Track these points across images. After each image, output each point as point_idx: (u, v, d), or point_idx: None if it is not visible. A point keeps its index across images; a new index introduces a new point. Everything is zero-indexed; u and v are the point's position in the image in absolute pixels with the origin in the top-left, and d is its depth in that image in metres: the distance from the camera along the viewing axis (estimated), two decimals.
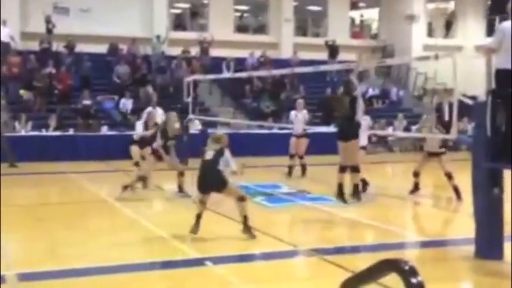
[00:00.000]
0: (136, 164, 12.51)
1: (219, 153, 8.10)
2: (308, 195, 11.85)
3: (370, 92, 24.87)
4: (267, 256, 7.54)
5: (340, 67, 16.82)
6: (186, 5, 27.32)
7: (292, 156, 14.42)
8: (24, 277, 6.40)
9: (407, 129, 20.13)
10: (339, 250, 7.90)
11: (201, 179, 8.13)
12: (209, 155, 8.11)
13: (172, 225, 8.94)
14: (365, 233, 8.99)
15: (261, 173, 13.99)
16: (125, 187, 11.02)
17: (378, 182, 13.43)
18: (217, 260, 7.10)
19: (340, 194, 9.17)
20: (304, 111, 14.61)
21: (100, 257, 7.32)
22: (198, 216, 8.14)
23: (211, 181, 8.08)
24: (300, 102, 14.92)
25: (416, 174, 11.78)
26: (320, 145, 17.35)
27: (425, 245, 8.33)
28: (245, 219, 8.05)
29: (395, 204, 11.49)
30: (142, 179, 11.30)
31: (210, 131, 19.62)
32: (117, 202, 10.72)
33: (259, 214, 10.11)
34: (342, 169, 9.17)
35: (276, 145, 17.56)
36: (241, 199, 8.12)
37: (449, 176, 11.40)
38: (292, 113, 14.77)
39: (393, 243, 8.18)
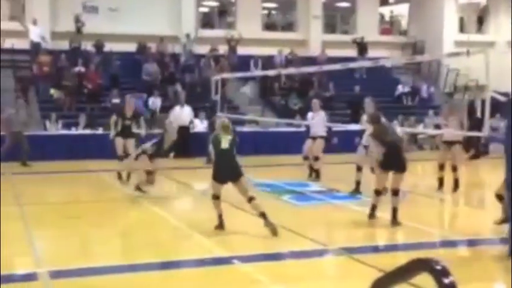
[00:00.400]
0: (121, 158, 12.53)
1: (234, 143, 8.25)
2: (337, 193, 11.75)
3: (400, 89, 24.62)
4: (296, 255, 7.46)
5: (369, 64, 16.65)
6: (214, 3, 27.36)
7: (306, 159, 13.78)
8: (56, 274, 6.45)
9: (438, 126, 19.84)
10: (369, 249, 7.80)
11: (219, 168, 8.26)
12: (225, 143, 8.20)
13: (200, 223, 8.93)
14: (395, 232, 8.85)
15: (289, 171, 13.91)
16: (137, 187, 10.97)
17: (408, 180, 13.25)
18: (245, 259, 7.07)
19: (373, 214, 8.94)
20: (322, 113, 13.63)
21: (129, 255, 7.35)
22: (220, 215, 8.31)
23: (229, 170, 8.21)
24: (315, 102, 13.88)
25: (441, 167, 11.90)
26: (349, 143, 17.22)
27: (457, 244, 8.19)
28: (264, 216, 8.09)
29: (425, 203, 11.33)
30: (150, 173, 11.10)
31: (238, 129, 19.69)
32: (146, 200, 10.74)
33: (287, 212, 10.07)
34: (379, 193, 8.91)
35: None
36: (251, 199, 8.23)
37: (454, 168, 11.51)
38: (309, 114, 13.89)
39: (424, 242, 8.04)
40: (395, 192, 8.75)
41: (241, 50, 23.79)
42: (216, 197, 8.35)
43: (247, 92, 21.31)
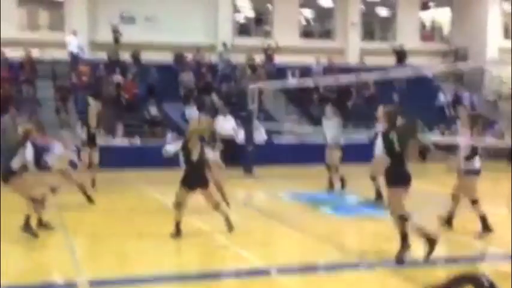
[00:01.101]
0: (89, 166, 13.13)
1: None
2: (377, 205, 11.41)
3: (441, 97, 24.07)
4: (334, 267, 7.25)
5: (410, 73, 16.36)
6: (251, 12, 27.30)
7: (328, 168, 13.40)
8: (96, 284, 6.47)
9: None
10: (410, 263, 7.47)
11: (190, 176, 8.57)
12: (195, 155, 8.52)
13: (238, 234, 8.77)
14: (437, 245, 8.51)
15: (326, 182, 13.59)
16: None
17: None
18: (283, 270, 6.96)
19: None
20: (335, 119, 13.30)
21: (167, 265, 7.34)
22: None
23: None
24: (328, 108, 13.62)
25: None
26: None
27: (502, 258, 7.78)
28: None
29: (468, 215, 10.93)
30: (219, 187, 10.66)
31: (274, 138, 19.52)
32: (184, 210, 10.58)
33: (325, 224, 9.86)
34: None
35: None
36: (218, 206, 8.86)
37: None
38: (324, 121, 13.57)
39: (467, 255, 7.72)
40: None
41: (279, 59, 23.63)
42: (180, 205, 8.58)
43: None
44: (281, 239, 8.65)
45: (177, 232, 8.43)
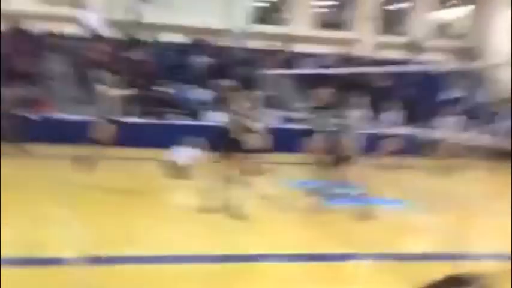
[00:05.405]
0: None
1: None
2: (372, 197, 11.62)
3: (448, 94, 24.12)
4: (327, 257, 7.48)
5: (423, 67, 16.56)
6: None
7: None
8: (95, 261, 6.58)
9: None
10: (402, 257, 7.74)
11: None
12: None
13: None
14: (432, 240, 8.79)
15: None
16: None
17: (453, 188, 13.12)
18: (274, 258, 7.13)
19: None
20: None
21: (161, 246, 7.45)
22: None
23: None
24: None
25: None
26: None
27: (495, 257, 8.03)
28: None
29: (465, 213, 11.17)
30: None
31: (286, 125, 19.66)
32: (188, 190, 10.82)
33: (319, 212, 10.04)
34: None
35: None
36: None
37: None
38: None
39: (461, 253, 7.98)
40: None
41: (294, 48, 23.79)
42: None
43: None
44: (277, 226, 8.82)
45: None
